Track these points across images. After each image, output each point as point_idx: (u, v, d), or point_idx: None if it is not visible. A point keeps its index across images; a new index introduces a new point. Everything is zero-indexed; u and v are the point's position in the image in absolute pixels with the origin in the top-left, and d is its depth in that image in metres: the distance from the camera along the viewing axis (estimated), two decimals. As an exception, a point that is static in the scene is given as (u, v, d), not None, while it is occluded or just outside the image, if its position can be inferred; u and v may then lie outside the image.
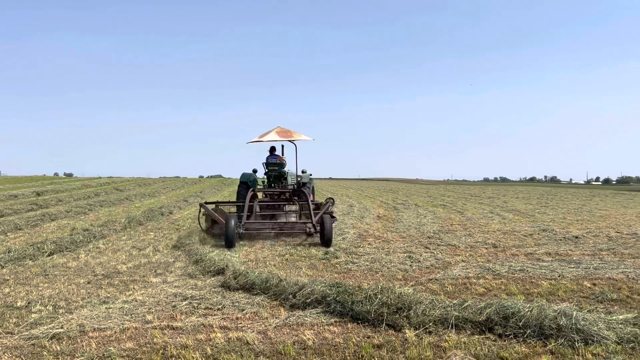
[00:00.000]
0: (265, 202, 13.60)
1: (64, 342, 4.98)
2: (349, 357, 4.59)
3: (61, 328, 5.34)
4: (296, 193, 13.48)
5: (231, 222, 10.87)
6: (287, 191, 13.62)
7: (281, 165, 14.23)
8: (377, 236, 12.58)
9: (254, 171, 14.21)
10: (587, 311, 5.57)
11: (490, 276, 7.85)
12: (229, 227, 10.80)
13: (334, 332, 5.24)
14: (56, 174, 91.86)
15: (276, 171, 14.17)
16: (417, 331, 5.17)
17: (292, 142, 14.22)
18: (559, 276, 7.80)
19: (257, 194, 13.69)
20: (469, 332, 5.14)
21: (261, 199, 13.82)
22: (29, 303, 6.35)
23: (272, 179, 14.24)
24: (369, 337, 5.08)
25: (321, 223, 11.20)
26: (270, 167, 14.18)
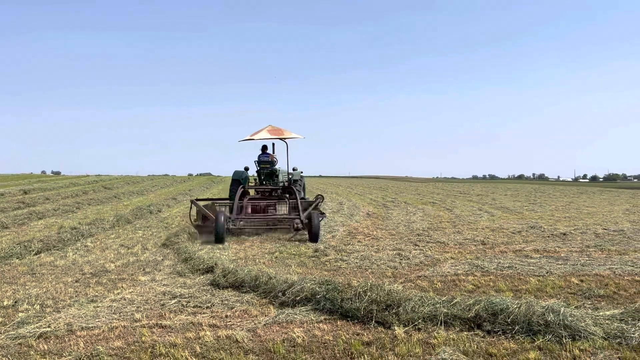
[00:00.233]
0: (255, 199, 13.75)
1: (52, 342, 4.94)
2: (338, 355, 4.60)
3: (48, 327, 5.29)
4: (286, 190, 13.69)
5: (220, 218, 11.07)
6: (278, 188, 13.86)
7: (272, 163, 14.42)
8: (366, 234, 12.60)
9: (246, 169, 14.41)
10: (575, 307, 5.62)
11: (479, 273, 7.90)
12: (219, 222, 11.01)
13: (324, 330, 5.24)
14: (44, 172, 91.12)
15: (268, 169, 14.37)
16: (406, 328, 5.18)
17: (283, 140, 14.47)
18: (547, 273, 7.86)
19: (248, 191, 13.90)
20: (457, 329, 5.17)
21: (252, 195, 13.98)
22: (15, 302, 6.29)
23: (264, 177, 14.44)
24: (358, 335, 5.09)
25: (309, 219, 11.42)
26: (262, 165, 14.36)
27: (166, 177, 64.83)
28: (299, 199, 12.85)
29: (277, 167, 14.57)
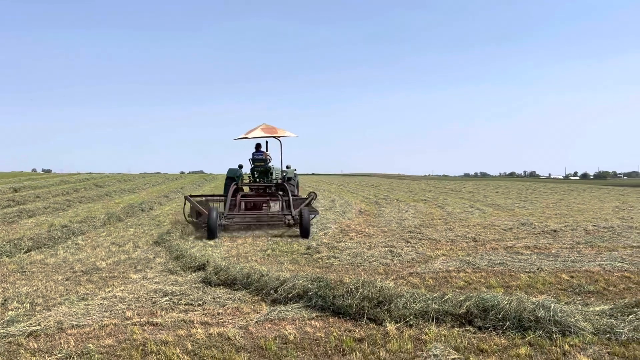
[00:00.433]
0: (248, 196, 14.05)
1: (42, 340, 4.91)
2: (330, 352, 4.60)
3: (38, 325, 5.26)
4: (279, 187, 13.96)
5: (213, 214, 11.32)
6: (271, 185, 14.15)
7: (266, 161, 14.73)
8: (358, 231, 12.61)
9: (240, 166, 14.67)
10: (565, 303, 5.66)
11: (470, 270, 7.93)
12: (211, 218, 11.25)
13: (316, 327, 5.24)
14: (34, 170, 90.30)
15: (262, 167, 14.68)
16: (398, 324, 5.20)
17: (277, 138, 14.81)
18: (537, 269, 7.91)
19: (242, 188, 14.24)
20: (449, 325, 5.19)
21: (245, 192, 14.31)
22: (5, 300, 6.24)
23: (258, 174, 14.76)
24: (350, 331, 5.10)
25: (300, 215, 11.59)
26: (256, 162, 14.68)
27: (158, 175, 64.54)
28: (290, 195, 13.07)
29: (270, 164, 14.82)
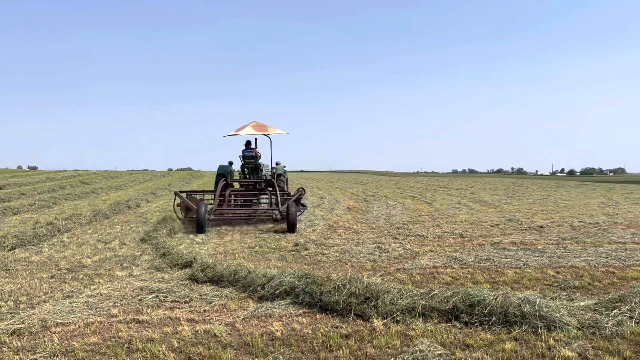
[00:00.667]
0: (238, 192, 14.36)
1: (25, 338, 4.85)
2: (317, 348, 4.59)
3: (22, 323, 5.20)
4: (268, 183, 14.17)
5: (202, 209, 11.65)
6: (261, 181, 14.38)
7: (256, 157, 15.02)
8: (347, 227, 12.62)
9: (230, 163, 15.02)
10: (550, 298, 5.70)
11: (457, 265, 7.97)
12: (200, 213, 11.55)
13: (303, 323, 5.23)
14: (20, 167, 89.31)
15: (252, 163, 14.99)
16: (385, 320, 5.20)
17: (267, 135, 15.15)
18: (523, 265, 7.96)
19: (231, 184, 14.52)
20: (435, 321, 5.20)
21: (235, 188, 14.56)
22: (-12, 299, 6.16)
23: (249, 171, 15.06)
24: (337, 327, 5.10)
25: (287, 210, 11.89)
26: (246, 159, 15.00)
27: (145, 172, 64.15)
28: (278, 191, 13.36)
29: (260, 161, 15.11)
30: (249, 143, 15.10)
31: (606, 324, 4.90)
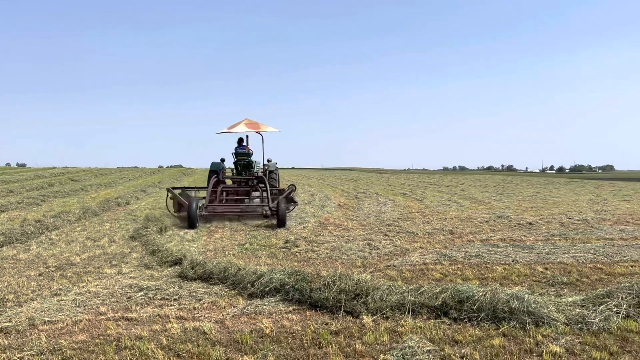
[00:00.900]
0: (229, 188, 14.59)
1: (12, 336, 4.81)
2: (306, 344, 4.59)
3: (9, 322, 5.16)
4: (259, 180, 14.38)
5: (193, 205, 11.95)
6: (252, 178, 14.58)
7: (249, 154, 15.10)
8: (337, 224, 12.63)
9: (222, 160, 15.11)
10: (539, 294, 5.73)
11: (447, 262, 8.00)
12: (191, 209, 11.85)
13: (292, 320, 5.23)
14: (8, 165, 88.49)
15: (244, 160, 15.05)
16: (375, 317, 5.22)
17: (259, 133, 15.24)
18: (512, 261, 8.01)
19: (223, 180, 14.73)
20: (425, 317, 5.22)
21: (227, 184, 14.83)
22: (-25, 297, 6.10)
23: (241, 168, 15.13)
24: (326, 324, 5.10)
25: (277, 206, 12.15)
26: (239, 156, 15.06)
27: (136, 169, 63.77)
28: (268, 188, 13.61)
29: (252, 158, 15.19)
30: (241, 140, 15.23)
31: (593, 319, 4.95)
